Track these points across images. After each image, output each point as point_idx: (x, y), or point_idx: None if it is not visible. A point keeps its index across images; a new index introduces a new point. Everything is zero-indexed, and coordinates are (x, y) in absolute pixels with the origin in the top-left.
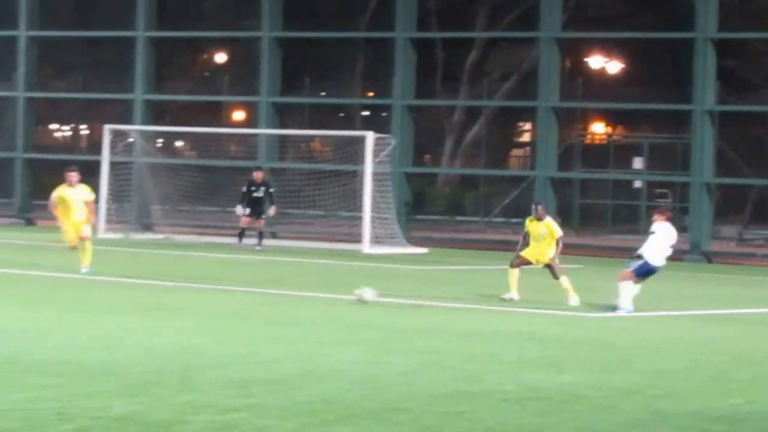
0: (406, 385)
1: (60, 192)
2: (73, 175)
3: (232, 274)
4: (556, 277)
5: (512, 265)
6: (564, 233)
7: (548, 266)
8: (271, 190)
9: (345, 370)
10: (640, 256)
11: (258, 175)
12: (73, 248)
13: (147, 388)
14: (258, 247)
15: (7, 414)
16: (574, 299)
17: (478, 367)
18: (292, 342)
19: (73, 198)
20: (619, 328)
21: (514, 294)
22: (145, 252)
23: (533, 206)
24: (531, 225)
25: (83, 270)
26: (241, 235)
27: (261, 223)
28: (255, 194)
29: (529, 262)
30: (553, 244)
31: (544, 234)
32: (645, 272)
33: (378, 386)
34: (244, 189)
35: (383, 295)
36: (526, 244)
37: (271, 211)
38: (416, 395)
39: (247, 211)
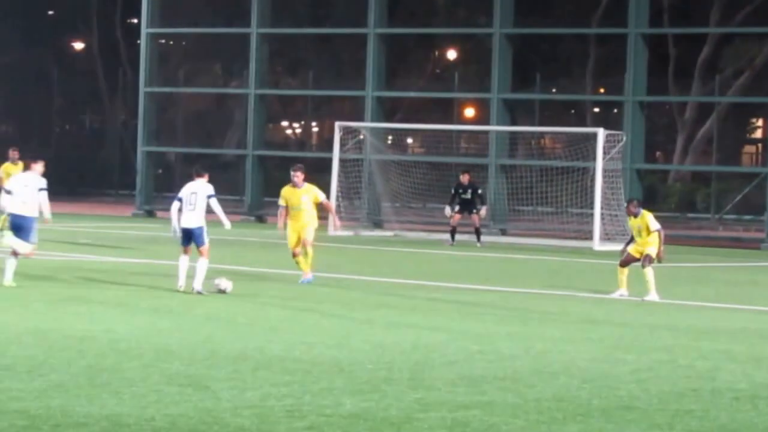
0: (637, 383)
1: (285, 193)
2: (298, 175)
3: (463, 270)
4: (643, 266)
5: (621, 264)
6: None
7: (646, 256)
8: (480, 191)
9: (577, 368)
10: None
11: (465, 178)
12: (295, 256)
13: (377, 386)
14: (479, 244)
15: (240, 411)
16: (652, 296)
17: (710, 366)
18: (525, 339)
19: (297, 199)
20: None
21: (623, 291)
22: (375, 249)
23: (626, 203)
24: (630, 222)
25: (302, 280)
26: (453, 233)
27: (475, 219)
28: (463, 196)
29: (635, 259)
30: (654, 237)
31: (641, 229)
32: None
33: (609, 384)
34: (452, 191)
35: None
36: (632, 241)
37: (483, 211)
38: (647, 393)
39: (456, 208)
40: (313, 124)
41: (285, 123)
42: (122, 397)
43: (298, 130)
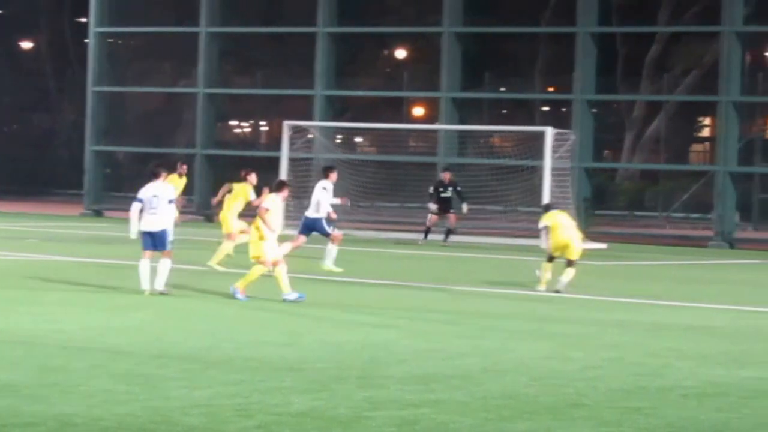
0: (585, 380)
1: (274, 203)
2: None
3: (413, 269)
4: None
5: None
6: (743, 227)
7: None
8: (459, 188)
9: (526, 366)
10: None
11: (446, 176)
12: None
13: (327, 384)
14: (444, 243)
15: (189, 410)
16: (561, 283)
17: (658, 363)
18: (475, 337)
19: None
20: None
21: (541, 287)
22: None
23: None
24: None
25: (238, 296)
26: (427, 232)
27: (452, 219)
28: (443, 194)
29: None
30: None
31: None
32: None
33: (558, 382)
34: (432, 190)
35: (564, 290)
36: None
37: (464, 208)
38: (596, 391)
39: (435, 208)
40: (263, 123)
41: (234, 122)
42: (71, 397)
43: (248, 129)
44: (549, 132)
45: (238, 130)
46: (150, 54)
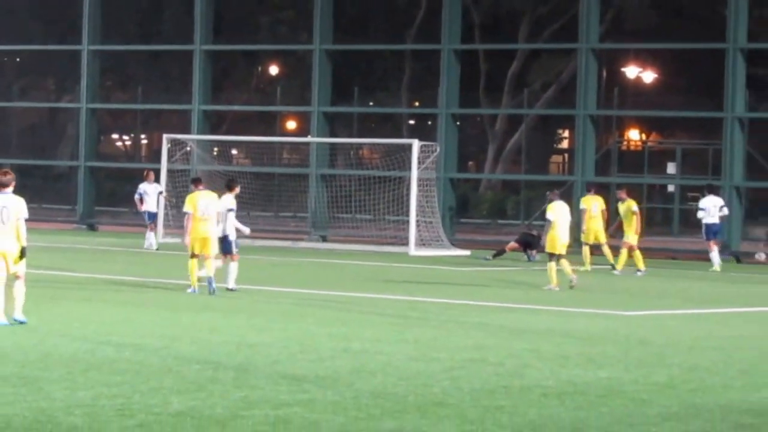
0: (450, 380)
1: (191, 199)
2: (201, 185)
3: (284, 275)
4: None
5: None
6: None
7: None
8: None
9: (394, 366)
10: None
11: None
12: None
13: (204, 385)
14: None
15: (72, 410)
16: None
17: (519, 364)
18: (344, 339)
19: (201, 206)
20: (653, 325)
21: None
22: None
23: None
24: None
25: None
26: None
27: None
28: None
29: None
30: None
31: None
32: None
33: (424, 382)
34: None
35: (430, 295)
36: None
37: None
38: (460, 390)
39: None
40: (143, 136)
41: (116, 135)
42: None
43: (129, 143)
44: (415, 144)
45: (119, 143)
46: (34, 70)
